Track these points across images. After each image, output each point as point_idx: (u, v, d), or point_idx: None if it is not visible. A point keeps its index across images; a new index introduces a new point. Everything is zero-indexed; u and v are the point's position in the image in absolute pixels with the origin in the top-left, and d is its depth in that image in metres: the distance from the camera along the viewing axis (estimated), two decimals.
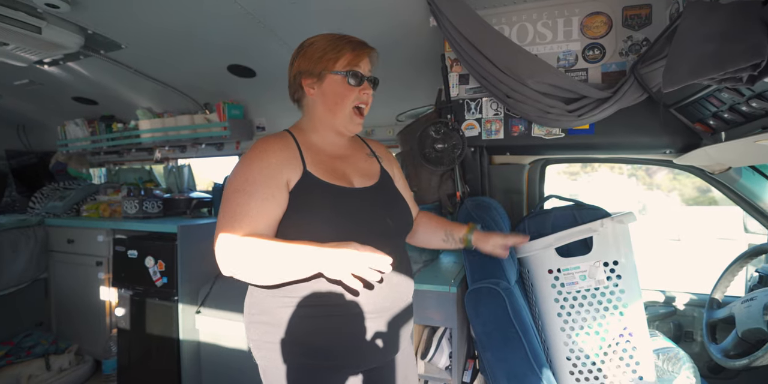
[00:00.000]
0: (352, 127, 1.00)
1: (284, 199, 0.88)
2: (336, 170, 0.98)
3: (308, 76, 0.96)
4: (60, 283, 2.58)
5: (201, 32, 1.76)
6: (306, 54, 0.97)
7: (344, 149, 1.05)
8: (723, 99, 1.06)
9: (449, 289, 1.38)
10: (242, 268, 0.83)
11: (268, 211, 0.86)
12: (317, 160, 0.96)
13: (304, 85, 0.98)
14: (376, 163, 1.09)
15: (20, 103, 2.86)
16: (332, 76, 0.95)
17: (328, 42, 0.95)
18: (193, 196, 2.57)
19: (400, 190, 1.12)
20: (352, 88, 0.96)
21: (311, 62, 0.95)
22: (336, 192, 0.92)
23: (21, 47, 1.75)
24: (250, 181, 0.86)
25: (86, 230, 2.40)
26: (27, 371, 2.20)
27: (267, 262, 0.81)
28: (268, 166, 0.88)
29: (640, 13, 1.35)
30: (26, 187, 3.29)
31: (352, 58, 0.95)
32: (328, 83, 0.96)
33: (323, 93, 0.97)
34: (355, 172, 1.01)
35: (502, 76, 1.34)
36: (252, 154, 0.91)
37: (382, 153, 1.15)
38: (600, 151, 1.64)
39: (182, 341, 1.96)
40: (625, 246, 1.26)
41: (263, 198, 0.85)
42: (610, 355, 1.25)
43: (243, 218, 0.83)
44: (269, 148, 0.91)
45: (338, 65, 0.94)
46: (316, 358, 0.90)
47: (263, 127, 2.57)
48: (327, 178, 0.93)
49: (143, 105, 2.70)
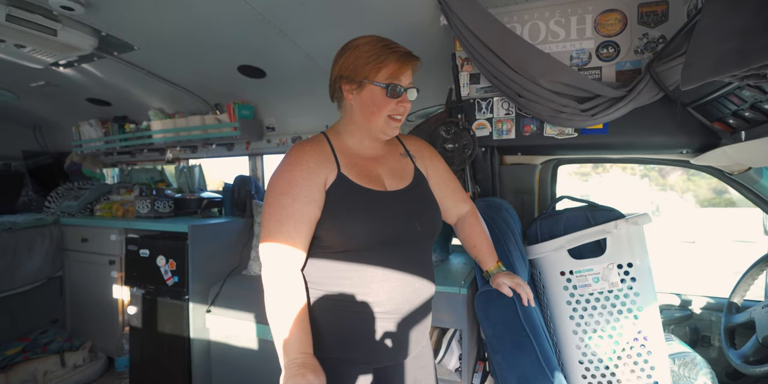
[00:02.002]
0: (390, 130, 0.99)
1: (322, 200, 0.92)
2: (370, 173, 0.99)
3: (348, 82, 0.95)
4: (74, 281, 2.62)
5: (212, 33, 1.77)
6: (349, 58, 0.94)
7: (378, 150, 1.06)
8: (744, 97, 1.03)
9: (459, 290, 1.37)
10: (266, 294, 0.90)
11: (309, 213, 0.90)
12: (351, 163, 0.98)
13: (344, 90, 0.97)
14: (410, 163, 1.09)
15: (37, 104, 2.92)
16: (372, 86, 0.93)
17: (373, 49, 0.93)
18: (203, 196, 2.59)
19: (438, 187, 1.12)
20: (390, 100, 0.94)
21: (353, 69, 0.94)
22: (367, 195, 0.94)
23: (37, 49, 1.79)
24: (293, 184, 0.91)
25: (100, 229, 2.44)
26: (43, 367, 2.24)
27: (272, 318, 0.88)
28: (308, 168, 0.92)
29: (656, 10, 1.33)
30: (42, 186, 3.35)
31: (394, 69, 0.93)
32: (367, 93, 0.94)
33: (361, 100, 0.96)
34: (389, 174, 1.02)
35: (514, 75, 1.33)
36: (291, 158, 0.94)
37: (417, 150, 1.13)
38: (614, 151, 1.61)
39: (193, 340, 1.98)
40: (639, 248, 1.24)
41: (306, 201, 0.90)
42: (624, 360, 1.23)
43: (288, 221, 0.89)
44: (306, 153, 0.94)
45: (380, 76, 0.92)
46: (330, 351, 0.93)
47: (273, 128, 2.58)
48: (360, 181, 0.95)
49: (155, 106, 2.73)
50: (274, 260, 0.89)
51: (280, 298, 0.88)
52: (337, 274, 0.93)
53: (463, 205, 1.19)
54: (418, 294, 0.98)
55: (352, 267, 0.93)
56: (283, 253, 0.89)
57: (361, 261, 0.92)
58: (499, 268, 1.16)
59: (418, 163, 1.10)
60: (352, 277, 0.92)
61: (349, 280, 0.93)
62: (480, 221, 1.21)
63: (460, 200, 1.19)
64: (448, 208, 1.17)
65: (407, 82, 0.97)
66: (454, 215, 1.20)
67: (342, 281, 0.93)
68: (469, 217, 1.19)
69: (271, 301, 0.89)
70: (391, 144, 1.10)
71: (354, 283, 0.92)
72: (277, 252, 0.89)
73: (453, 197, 1.16)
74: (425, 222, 0.99)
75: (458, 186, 1.19)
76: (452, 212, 1.19)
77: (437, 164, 1.14)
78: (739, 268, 1.49)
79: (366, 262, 0.92)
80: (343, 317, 0.93)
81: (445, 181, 1.15)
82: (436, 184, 1.12)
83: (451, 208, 1.18)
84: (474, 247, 1.18)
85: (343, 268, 0.93)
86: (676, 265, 6.53)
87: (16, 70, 2.07)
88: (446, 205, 1.15)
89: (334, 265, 0.93)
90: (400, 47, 0.95)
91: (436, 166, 1.14)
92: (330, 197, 0.92)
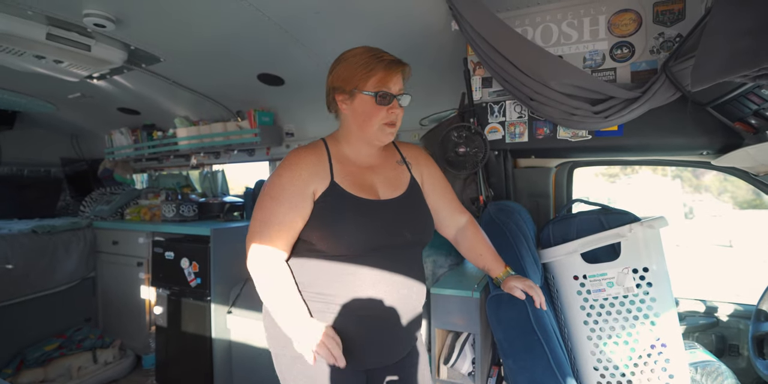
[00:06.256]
0: (383, 137, 1.01)
1: (308, 208, 0.96)
2: (364, 182, 1.02)
3: (341, 93, 0.99)
4: (106, 281, 2.76)
5: (232, 45, 1.85)
6: (340, 70, 0.99)
7: (375, 159, 1.08)
8: (764, 96, 1.00)
9: (472, 294, 1.37)
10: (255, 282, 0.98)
11: (290, 220, 0.95)
12: (346, 172, 1.01)
13: (338, 101, 1.01)
14: (406, 172, 1.10)
15: (73, 114, 3.10)
16: (362, 95, 0.97)
17: (362, 59, 0.96)
18: (226, 200, 2.68)
19: (434, 194, 1.12)
20: (381, 107, 0.97)
21: (344, 80, 0.98)
22: (359, 204, 0.97)
23: (74, 64, 1.92)
24: (281, 189, 0.96)
25: (129, 232, 2.57)
26: (77, 363, 2.37)
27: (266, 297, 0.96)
28: (299, 176, 0.96)
29: (672, 9, 1.30)
30: (78, 191, 3.56)
31: (382, 77, 0.95)
32: (358, 102, 0.98)
33: (354, 110, 0.99)
34: (383, 183, 1.04)
35: (525, 79, 1.32)
36: (285, 163, 0.99)
37: (414, 157, 1.14)
38: (630, 153, 1.57)
39: (214, 340, 2.04)
40: (655, 252, 1.20)
41: (289, 207, 0.95)
42: (641, 367, 1.20)
43: (270, 223, 0.95)
44: (301, 161, 0.98)
45: (369, 85, 0.96)
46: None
47: (292, 133, 2.65)
48: (352, 190, 0.98)
49: (180, 114, 2.85)
50: (256, 255, 0.96)
51: (268, 281, 0.95)
52: (327, 276, 0.96)
53: (459, 217, 1.17)
54: (405, 300, 1.00)
55: (342, 271, 0.96)
56: (264, 251, 0.96)
57: (351, 266, 0.95)
58: (508, 272, 1.13)
59: (414, 170, 1.11)
60: (341, 281, 0.95)
61: (339, 283, 0.95)
62: (479, 230, 1.18)
63: (457, 211, 1.17)
64: (444, 219, 1.16)
65: (397, 89, 0.99)
66: (451, 227, 1.18)
67: (332, 284, 0.96)
68: (468, 228, 1.17)
69: (261, 286, 0.96)
70: (388, 152, 1.12)
71: (343, 287, 0.95)
72: (258, 249, 0.96)
73: (449, 208, 1.15)
74: (415, 231, 1.02)
75: (454, 197, 1.18)
76: (449, 223, 1.17)
77: (432, 172, 1.15)
78: None
79: (356, 268, 0.95)
80: (332, 319, 0.96)
81: (441, 191, 1.14)
82: (431, 191, 1.12)
83: (448, 220, 1.16)
84: (479, 256, 1.15)
85: (333, 272, 0.96)
86: (709, 270, 6.23)
87: (54, 83, 2.22)
88: (442, 215, 1.15)
89: (325, 268, 0.96)
90: (388, 55, 0.98)
91: (432, 174, 1.15)
92: (321, 205, 0.96)
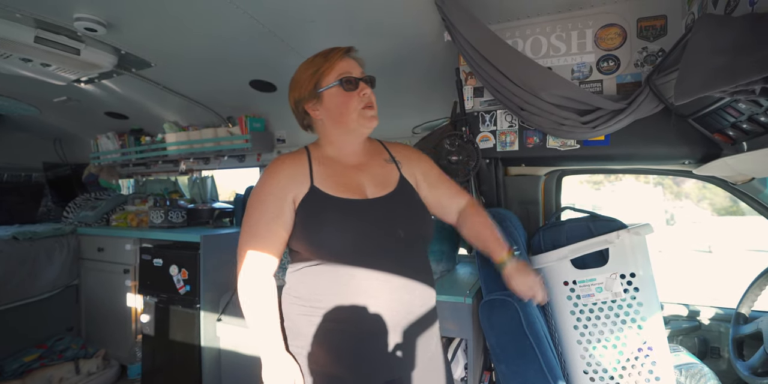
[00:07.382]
0: (366, 121, 1.00)
1: (289, 217, 0.96)
2: (350, 181, 1.00)
3: (307, 101, 1.01)
4: (90, 289, 2.69)
5: (225, 50, 1.85)
6: (295, 85, 1.02)
7: (361, 157, 1.06)
8: (741, 109, 1.05)
9: (465, 299, 1.39)
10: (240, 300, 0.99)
11: (273, 230, 0.96)
12: (329, 173, 1.00)
13: (308, 110, 1.02)
14: (395, 170, 1.07)
15: (58, 118, 3.04)
16: (327, 91, 0.98)
17: (312, 64, 1.00)
18: (215, 207, 2.65)
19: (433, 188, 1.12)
20: (350, 93, 0.98)
21: (303, 89, 1.00)
22: (344, 205, 0.95)
23: (61, 67, 1.88)
24: (261, 199, 0.97)
25: (115, 239, 2.51)
26: (58, 374, 2.29)
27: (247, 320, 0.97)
28: (278, 184, 0.97)
29: (655, 24, 1.36)
30: (61, 197, 3.47)
31: (337, 66, 0.98)
32: (327, 99, 0.99)
33: (326, 108, 1.00)
34: (371, 181, 1.02)
35: (516, 89, 1.36)
36: (266, 172, 1.00)
37: (404, 156, 1.12)
38: (616, 162, 1.63)
39: (204, 348, 2.01)
40: (642, 258, 1.24)
41: (271, 217, 0.95)
42: (629, 370, 1.23)
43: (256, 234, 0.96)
44: (278, 169, 0.99)
45: (329, 79, 0.98)
46: (325, 365, 0.94)
47: (283, 140, 2.65)
48: (335, 192, 0.96)
49: (170, 119, 2.83)
50: (243, 271, 0.97)
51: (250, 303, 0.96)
52: (324, 290, 0.92)
53: (460, 198, 1.17)
54: (410, 309, 0.95)
55: (336, 281, 0.91)
56: (250, 266, 0.97)
57: (345, 274, 0.91)
58: (512, 255, 1.09)
59: (405, 169, 1.09)
60: (339, 293, 0.91)
61: (337, 296, 0.91)
62: (481, 210, 1.16)
63: (456, 194, 1.17)
64: (447, 205, 1.16)
65: (358, 72, 1.01)
66: (454, 210, 1.17)
67: (330, 297, 0.92)
68: (468, 209, 1.16)
69: (244, 307, 0.97)
70: (375, 151, 1.11)
71: (339, 298, 0.91)
72: (245, 264, 0.97)
73: (448, 193, 1.15)
74: (409, 228, 0.97)
75: (451, 182, 1.18)
76: (452, 208, 1.17)
77: (425, 166, 1.14)
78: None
79: (350, 276, 0.91)
80: (332, 335, 0.92)
81: (438, 181, 1.14)
82: (429, 186, 1.12)
83: (450, 204, 1.16)
84: (480, 237, 1.12)
85: (328, 282, 0.92)
86: (690, 275, 6.39)
87: (39, 86, 2.17)
88: (444, 202, 1.15)
89: (320, 279, 0.93)
90: (326, 49, 1.00)
91: (426, 169, 1.13)
92: (301, 213, 0.95)
